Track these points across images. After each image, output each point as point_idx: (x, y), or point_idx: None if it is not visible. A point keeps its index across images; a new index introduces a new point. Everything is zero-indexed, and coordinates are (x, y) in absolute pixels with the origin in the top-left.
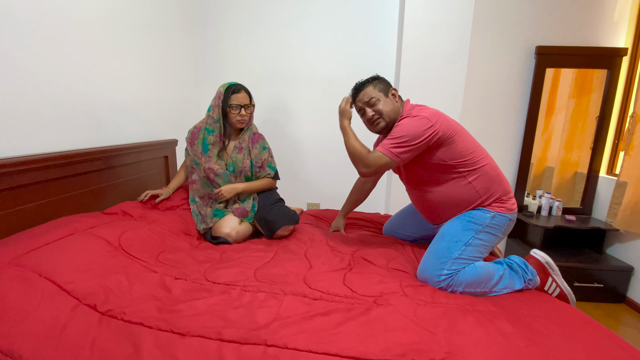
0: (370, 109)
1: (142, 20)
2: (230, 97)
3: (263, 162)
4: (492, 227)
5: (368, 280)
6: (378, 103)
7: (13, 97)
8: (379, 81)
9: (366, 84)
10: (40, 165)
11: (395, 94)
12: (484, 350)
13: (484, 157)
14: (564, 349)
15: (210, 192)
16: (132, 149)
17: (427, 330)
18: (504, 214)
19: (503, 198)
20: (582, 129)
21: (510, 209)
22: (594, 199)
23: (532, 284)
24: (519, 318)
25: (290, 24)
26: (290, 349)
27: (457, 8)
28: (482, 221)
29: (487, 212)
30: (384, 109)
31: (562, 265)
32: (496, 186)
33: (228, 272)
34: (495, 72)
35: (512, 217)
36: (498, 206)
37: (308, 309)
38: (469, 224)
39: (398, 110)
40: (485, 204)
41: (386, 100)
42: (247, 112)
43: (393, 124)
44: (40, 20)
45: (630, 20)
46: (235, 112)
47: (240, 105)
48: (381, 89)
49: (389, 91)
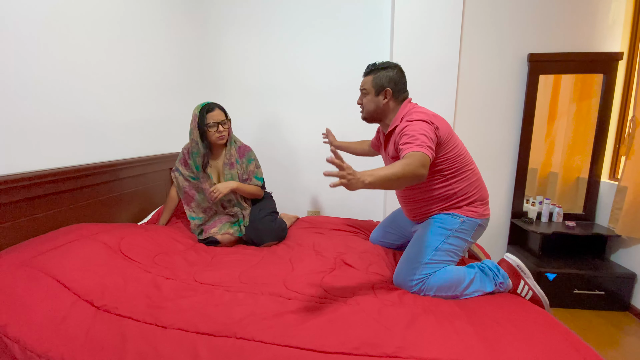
0: (360, 96)
1: (147, 44)
2: (205, 117)
3: (249, 174)
4: (461, 231)
5: (344, 282)
6: (366, 96)
7: (30, 119)
8: (381, 75)
9: (370, 72)
10: (52, 179)
11: (388, 96)
12: (434, 346)
13: (469, 163)
14: (514, 348)
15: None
16: (138, 162)
17: (386, 328)
18: (474, 218)
19: (477, 203)
20: (583, 134)
21: (482, 214)
22: (596, 204)
23: (503, 287)
24: (479, 319)
25: (286, 41)
26: (257, 341)
27: (447, 17)
28: (452, 226)
29: (458, 217)
30: (366, 105)
31: (561, 272)
32: (474, 191)
33: (215, 274)
34: (490, 79)
35: (483, 222)
36: (470, 210)
37: (280, 307)
38: (438, 229)
39: (384, 111)
40: (459, 205)
41: (373, 98)
42: (225, 128)
43: (373, 119)
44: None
45: (625, 24)
46: (213, 130)
47: (216, 123)
48: (376, 85)
49: (382, 91)
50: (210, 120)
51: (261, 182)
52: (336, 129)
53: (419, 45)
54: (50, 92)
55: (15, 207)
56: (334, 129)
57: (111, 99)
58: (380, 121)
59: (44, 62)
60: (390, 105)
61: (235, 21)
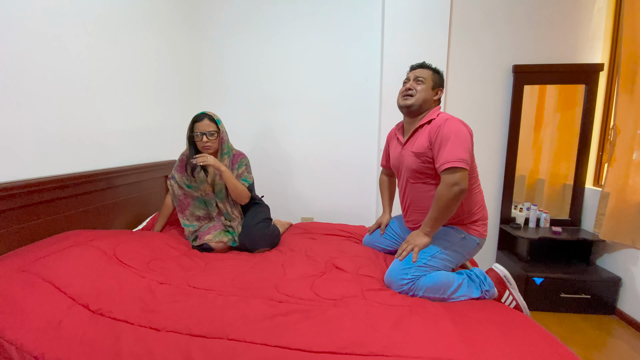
0: (413, 83)
1: (142, 53)
2: (194, 126)
3: (238, 177)
4: (460, 246)
5: (334, 285)
6: (421, 84)
7: (31, 130)
8: (438, 76)
9: (429, 68)
10: (49, 187)
11: (438, 95)
12: (418, 344)
13: (478, 183)
14: (494, 347)
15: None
16: (134, 170)
17: (373, 328)
18: (474, 236)
19: (479, 222)
20: (568, 142)
21: (482, 234)
22: (581, 210)
23: (489, 295)
24: (462, 320)
25: (282, 52)
26: (248, 342)
27: (434, 30)
28: (453, 239)
29: (460, 232)
30: (421, 93)
31: (548, 276)
32: (478, 210)
33: (208, 279)
34: (477, 90)
35: (481, 241)
36: (472, 228)
37: (271, 310)
38: (439, 240)
39: (429, 105)
40: (464, 222)
41: (428, 90)
42: (210, 139)
43: (416, 110)
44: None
45: (605, 37)
46: (199, 139)
47: (202, 133)
48: (433, 80)
49: (436, 88)
50: (197, 130)
51: (248, 184)
52: (330, 138)
53: (408, 56)
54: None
55: (14, 214)
56: (330, 137)
57: (107, 108)
58: (419, 113)
59: (40, 73)
60: (433, 103)
61: (231, 30)
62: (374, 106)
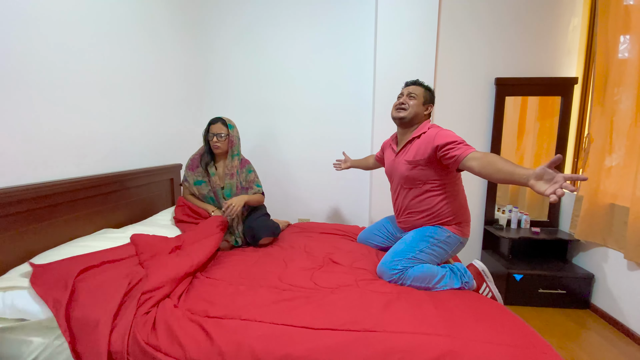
0: (406, 98)
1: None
2: (209, 128)
3: (250, 182)
4: (445, 243)
5: (331, 276)
6: (414, 100)
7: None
8: (430, 93)
9: (422, 86)
10: (70, 188)
11: (429, 111)
12: (403, 323)
13: (463, 188)
14: (469, 327)
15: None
16: (143, 173)
17: (365, 310)
18: (458, 236)
19: (463, 224)
20: (547, 149)
21: (465, 233)
22: (559, 212)
23: (468, 286)
24: (443, 304)
25: (282, 61)
26: (258, 321)
27: (422, 46)
28: (439, 237)
29: (446, 231)
30: (413, 108)
31: (527, 273)
32: (462, 212)
33: (218, 271)
34: (464, 100)
35: (463, 240)
36: (456, 228)
37: (277, 297)
38: (426, 236)
39: (419, 119)
40: (449, 223)
41: (420, 105)
42: (220, 140)
43: (407, 122)
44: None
45: (580, 52)
46: (212, 140)
47: (214, 134)
48: (425, 97)
49: (427, 104)
50: (211, 131)
51: (261, 189)
52: (327, 143)
53: (399, 69)
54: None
55: (41, 212)
56: (326, 142)
57: (121, 120)
58: (410, 126)
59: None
60: (424, 117)
61: (234, 38)
62: (366, 114)
